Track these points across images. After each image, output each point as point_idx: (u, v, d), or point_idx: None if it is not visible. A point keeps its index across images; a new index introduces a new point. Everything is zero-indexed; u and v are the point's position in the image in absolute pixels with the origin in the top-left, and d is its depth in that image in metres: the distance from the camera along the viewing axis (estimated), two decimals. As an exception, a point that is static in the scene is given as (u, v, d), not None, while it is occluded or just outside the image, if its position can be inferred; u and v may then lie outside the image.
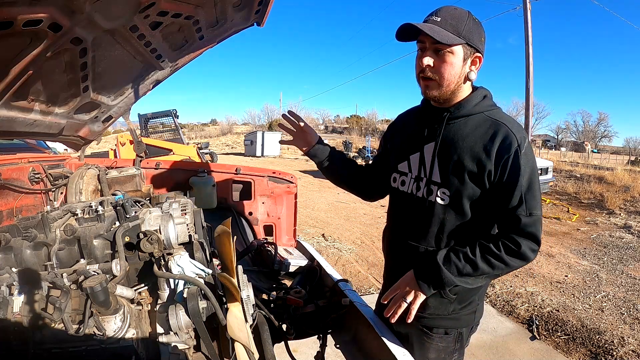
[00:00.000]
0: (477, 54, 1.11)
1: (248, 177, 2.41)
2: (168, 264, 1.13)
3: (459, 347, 1.27)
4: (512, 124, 1.10)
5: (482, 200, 1.12)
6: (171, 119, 11.19)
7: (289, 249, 2.36)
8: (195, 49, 1.84)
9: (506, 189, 1.07)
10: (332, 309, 1.60)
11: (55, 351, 0.99)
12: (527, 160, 1.06)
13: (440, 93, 1.12)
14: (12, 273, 1.00)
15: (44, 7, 0.92)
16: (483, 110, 1.14)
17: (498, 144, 1.06)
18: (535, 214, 1.06)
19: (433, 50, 1.08)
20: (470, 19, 1.07)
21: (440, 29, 1.03)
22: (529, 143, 1.08)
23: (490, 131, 1.09)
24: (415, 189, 1.24)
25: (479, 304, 1.27)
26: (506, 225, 1.10)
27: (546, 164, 8.82)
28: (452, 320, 1.23)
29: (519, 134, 1.07)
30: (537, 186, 1.08)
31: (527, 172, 1.06)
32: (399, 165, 1.31)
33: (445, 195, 1.15)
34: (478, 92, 1.17)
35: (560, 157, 19.92)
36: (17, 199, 1.69)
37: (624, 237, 5.97)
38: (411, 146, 1.25)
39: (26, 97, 1.33)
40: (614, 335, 3.01)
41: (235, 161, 17.53)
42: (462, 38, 1.05)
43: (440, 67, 1.08)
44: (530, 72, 12.24)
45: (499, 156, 1.06)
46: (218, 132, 40.92)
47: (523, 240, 1.06)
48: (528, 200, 1.05)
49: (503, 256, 1.06)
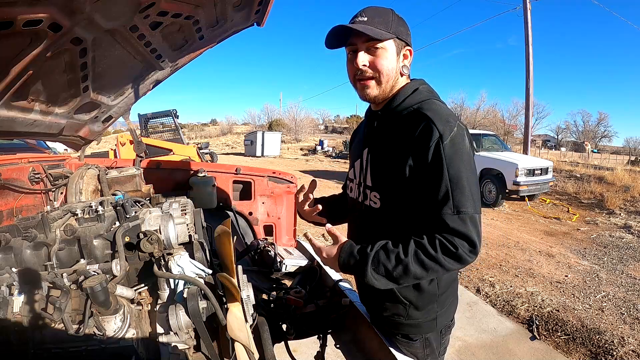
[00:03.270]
0: (407, 47, 1.10)
1: (248, 177, 2.41)
2: (168, 264, 1.13)
3: (430, 352, 1.21)
4: (436, 112, 1.01)
5: (412, 200, 1.04)
6: (171, 119, 11.18)
7: (289, 249, 2.36)
8: (195, 49, 1.85)
9: (429, 183, 0.98)
10: (332, 309, 1.60)
11: (55, 351, 0.99)
12: (453, 152, 0.96)
13: (380, 91, 1.10)
14: (12, 273, 1.00)
15: (44, 7, 0.92)
16: (413, 104, 1.07)
17: (416, 136, 0.99)
18: (465, 212, 0.95)
19: (366, 50, 1.06)
20: (395, 15, 1.07)
21: (371, 27, 1.02)
22: (458, 132, 0.99)
23: (412, 125, 1.02)
24: (357, 194, 1.23)
25: (439, 311, 1.17)
26: (433, 224, 0.98)
27: (546, 164, 8.83)
28: (412, 327, 1.18)
29: (440, 124, 0.98)
30: (469, 181, 0.97)
31: (453, 165, 0.96)
32: (349, 173, 1.33)
33: (377, 199, 1.12)
34: (408, 86, 1.12)
35: (560, 157, 19.92)
36: (17, 199, 1.69)
37: (624, 237, 5.97)
38: (356, 153, 1.26)
39: (26, 97, 1.33)
40: (614, 335, 3.01)
41: (235, 161, 17.54)
42: (392, 33, 1.04)
43: (377, 63, 1.06)
44: (530, 72, 12.25)
45: (418, 149, 0.99)
46: (218, 132, 40.92)
47: (455, 239, 0.96)
48: (455, 196, 0.95)
49: (438, 256, 0.96)
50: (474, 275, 4.28)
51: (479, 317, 3.39)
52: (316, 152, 22.93)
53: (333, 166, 17.01)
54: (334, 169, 16.01)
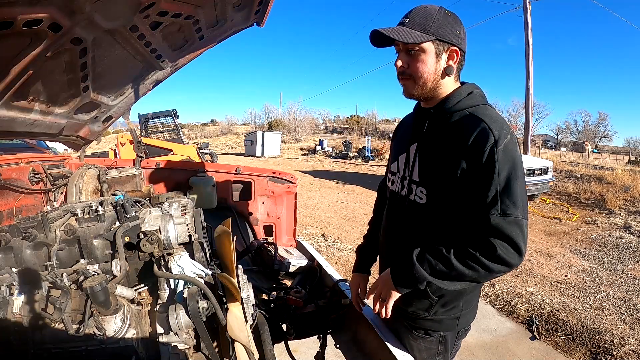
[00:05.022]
0: (452, 47, 1.09)
1: (248, 177, 2.41)
2: (168, 264, 1.13)
3: (442, 351, 1.24)
4: (492, 119, 1.04)
5: (460, 200, 1.07)
6: (171, 119, 11.18)
7: (289, 249, 2.36)
8: (195, 49, 1.85)
9: (479, 185, 1.01)
10: (332, 309, 1.60)
11: (55, 351, 0.99)
12: (505, 157, 0.99)
13: (419, 91, 1.13)
14: (12, 273, 1.00)
15: (44, 7, 0.92)
16: (466, 107, 1.10)
17: (472, 139, 1.02)
18: (512, 215, 0.98)
19: (405, 52, 1.10)
20: (441, 14, 1.07)
21: (406, 29, 1.05)
22: (511, 140, 1.02)
23: (468, 127, 1.05)
24: (400, 187, 1.25)
25: (464, 311, 1.21)
26: (479, 224, 1.02)
27: (546, 164, 8.82)
28: (434, 322, 1.21)
29: (497, 130, 1.01)
30: (518, 186, 1.00)
31: (505, 170, 0.99)
32: (391, 166, 1.34)
33: (423, 194, 1.14)
34: (462, 89, 1.14)
35: (560, 157, 19.91)
36: (17, 199, 1.69)
37: (624, 237, 5.97)
38: (401, 147, 1.28)
39: (26, 97, 1.33)
40: (614, 335, 3.01)
41: (235, 161, 17.54)
42: (431, 34, 1.05)
43: (413, 66, 1.09)
44: (530, 72, 12.24)
45: (472, 152, 1.02)
46: (218, 132, 40.90)
47: (497, 241, 0.98)
48: (503, 199, 0.99)
49: (479, 257, 1.00)
50: (474, 275, 4.28)
51: (479, 317, 3.39)
52: (316, 152, 22.93)
53: (333, 166, 17.02)
54: (334, 169, 16.01)
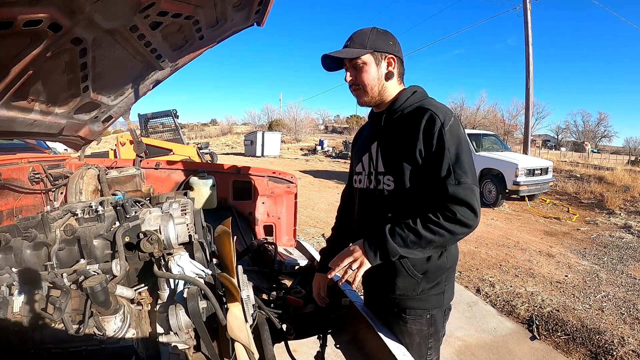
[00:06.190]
0: (389, 55, 1.28)
1: (248, 177, 2.41)
2: (168, 264, 1.13)
3: (433, 332, 1.33)
4: (437, 107, 1.23)
5: (422, 179, 1.22)
6: (171, 119, 11.19)
7: (289, 249, 2.36)
8: (195, 49, 1.85)
9: (435, 162, 1.18)
10: (332, 309, 1.60)
11: (55, 351, 0.99)
12: (452, 136, 1.18)
13: (369, 97, 1.31)
14: (12, 273, 1.00)
15: (44, 7, 0.93)
16: (413, 103, 1.28)
17: (423, 125, 1.20)
18: (464, 182, 1.15)
19: (352, 67, 1.29)
20: (374, 32, 1.28)
21: (349, 49, 1.26)
22: (455, 122, 1.20)
23: (418, 117, 1.22)
24: (368, 182, 1.38)
25: (447, 285, 1.34)
26: (439, 195, 1.18)
27: (546, 164, 8.83)
28: (421, 302, 1.31)
29: (441, 115, 1.19)
30: (466, 158, 1.18)
31: (454, 146, 1.17)
32: (355, 168, 1.47)
33: (390, 181, 1.29)
34: (407, 90, 1.33)
35: (560, 157, 19.90)
36: (17, 199, 1.69)
37: (624, 237, 5.97)
38: (363, 149, 1.42)
39: (26, 97, 1.33)
40: (614, 335, 3.01)
41: (235, 161, 17.54)
42: (369, 48, 1.25)
43: (360, 77, 1.29)
44: (530, 72, 12.25)
45: (425, 134, 1.19)
46: (218, 132, 40.91)
47: (456, 206, 1.14)
48: (456, 170, 1.16)
49: (442, 222, 1.14)
50: (474, 275, 4.28)
51: (479, 317, 3.40)
52: (316, 152, 22.93)
53: (333, 166, 17.02)
54: (333, 168, 16.01)
